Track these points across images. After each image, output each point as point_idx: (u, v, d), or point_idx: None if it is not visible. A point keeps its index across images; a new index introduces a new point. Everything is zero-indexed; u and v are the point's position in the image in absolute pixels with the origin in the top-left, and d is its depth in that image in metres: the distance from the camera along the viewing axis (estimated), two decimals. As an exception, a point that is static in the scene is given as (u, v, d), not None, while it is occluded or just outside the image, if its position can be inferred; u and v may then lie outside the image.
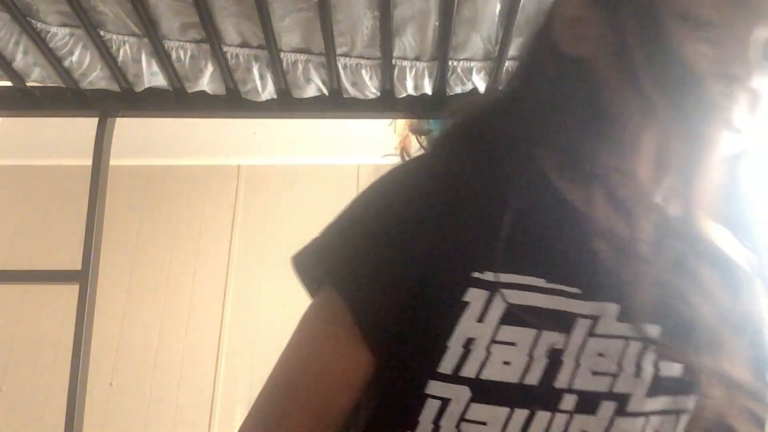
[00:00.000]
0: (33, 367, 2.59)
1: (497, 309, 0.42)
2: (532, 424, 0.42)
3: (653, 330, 0.44)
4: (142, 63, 1.11)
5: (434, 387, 0.42)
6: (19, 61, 1.12)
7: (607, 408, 0.43)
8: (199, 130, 2.43)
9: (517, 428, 0.42)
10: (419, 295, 0.44)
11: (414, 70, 1.13)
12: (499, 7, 1.02)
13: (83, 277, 1.14)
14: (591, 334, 0.43)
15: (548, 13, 0.53)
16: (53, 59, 1.10)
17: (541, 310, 0.43)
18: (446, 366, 0.42)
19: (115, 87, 1.18)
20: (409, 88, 1.15)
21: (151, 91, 1.18)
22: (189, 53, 1.11)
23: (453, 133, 0.53)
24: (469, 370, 0.42)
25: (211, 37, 1.06)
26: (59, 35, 1.07)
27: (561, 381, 0.42)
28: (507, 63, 1.12)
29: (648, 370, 0.44)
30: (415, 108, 1.23)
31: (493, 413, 0.42)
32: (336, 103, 1.17)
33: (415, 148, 1.72)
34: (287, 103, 1.19)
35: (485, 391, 0.42)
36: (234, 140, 2.55)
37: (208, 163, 2.71)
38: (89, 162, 1.24)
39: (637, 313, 0.44)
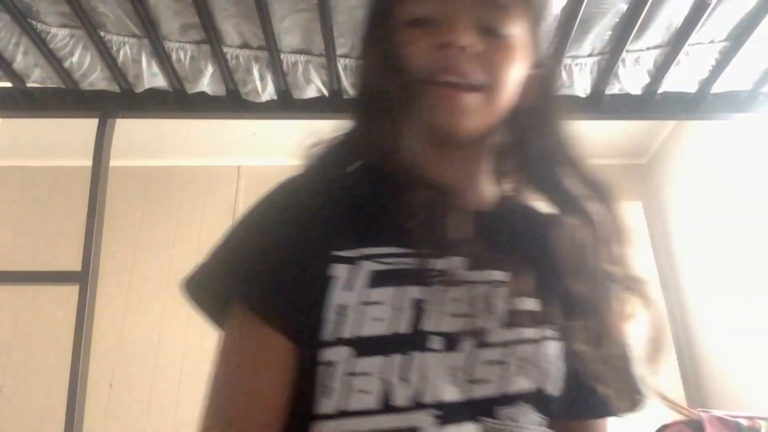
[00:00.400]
0: (33, 367, 2.59)
1: (362, 277, 0.51)
2: (410, 366, 0.49)
3: (497, 275, 0.54)
4: (143, 64, 1.11)
5: (322, 354, 0.50)
6: (20, 61, 1.12)
7: (468, 344, 0.51)
8: (199, 130, 2.43)
9: (396, 371, 0.49)
10: (300, 282, 0.52)
11: (414, 71, 1.13)
12: (498, 8, 1.02)
13: (83, 278, 1.14)
14: (445, 284, 0.52)
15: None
16: (53, 60, 1.10)
17: (400, 271, 0.52)
18: (327, 334, 0.49)
19: (115, 88, 1.18)
20: (408, 88, 1.15)
21: (152, 91, 1.18)
22: (189, 54, 1.11)
23: (315, 157, 0.63)
24: (347, 332, 0.50)
25: (211, 38, 1.06)
26: (59, 36, 1.07)
27: (427, 325, 0.50)
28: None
29: (500, 306, 0.52)
30: (415, 109, 1.23)
31: (374, 363, 0.49)
32: (336, 103, 1.17)
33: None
34: (287, 104, 1.19)
35: (364, 347, 0.49)
36: (234, 141, 2.55)
37: (208, 164, 2.71)
38: (89, 163, 1.24)
39: (476, 263, 0.54)
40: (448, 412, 0.49)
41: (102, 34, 1.07)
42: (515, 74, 0.60)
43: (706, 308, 2.74)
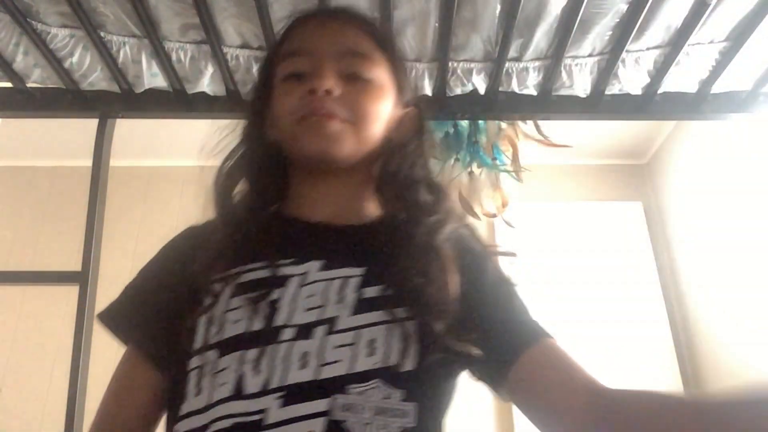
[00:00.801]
0: (33, 367, 2.59)
1: (228, 291, 0.62)
2: (262, 357, 0.57)
3: (352, 271, 0.63)
4: (143, 64, 1.11)
5: (192, 362, 0.59)
6: (20, 62, 1.12)
7: (320, 331, 0.58)
8: (199, 131, 2.43)
9: (250, 362, 0.56)
10: (173, 310, 0.63)
11: (414, 71, 1.13)
12: (499, 8, 1.02)
13: (83, 278, 1.14)
14: (302, 284, 0.62)
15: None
16: (53, 60, 1.10)
17: (262, 280, 0.62)
18: (198, 343, 0.59)
19: (115, 88, 1.18)
20: (409, 89, 1.15)
21: (152, 92, 1.18)
22: (189, 54, 1.11)
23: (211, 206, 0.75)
24: (213, 338, 0.59)
25: (211, 38, 1.06)
26: (59, 36, 1.07)
27: (279, 320, 0.59)
28: (507, 64, 1.12)
29: (350, 296, 0.61)
30: (414, 109, 1.23)
31: (232, 359, 0.57)
32: (336, 104, 1.16)
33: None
34: (287, 104, 1.19)
35: (225, 347, 0.58)
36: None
37: (207, 164, 2.71)
38: (89, 163, 1.24)
39: (333, 264, 0.63)
40: (294, 393, 0.55)
41: (102, 34, 1.07)
42: (379, 110, 0.71)
43: (706, 308, 2.74)
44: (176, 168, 2.92)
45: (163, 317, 0.64)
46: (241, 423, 0.54)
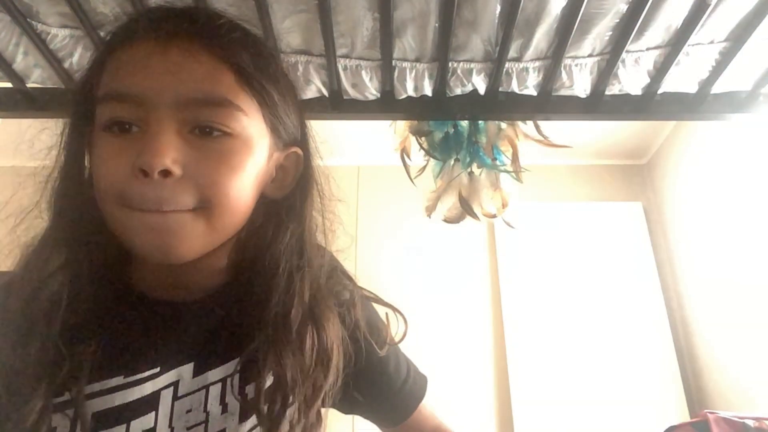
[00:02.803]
0: (33, 367, 2.59)
1: (86, 423, 0.46)
2: None
3: (228, 367, 0.53)
4: (143, 64, 1.11)
5: None
6: (20, 62, 1.12)
7: None
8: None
9: None
10: None
11: (414, 71, 1.13)
12: (499, 8, 1.02)
13: (83, 278, 1.14)
14: (175, 398, 0.50)
15: None
16: (54, 60, 1.10)
17: (126, 405, 0.49)
18: None
19: (115, 88, 1.18)
20: (409, 89, 1.15)
21: (152, 92, 1.18)
22: (189, 54, 1.11)
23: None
24: None
25: (211, 38, 1.06)
26: (59, 36, 1.07)
27: None
28: (507, 64, 1.12)
29: (233, 403, 0.51)
30: (415, 109, 1.23)
31: None
32: (335, 103, 1.17)
33: (415, 149, 1.73)
34: (287, 105, 1.18)
35: None
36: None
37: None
38: (89, 163, 1.24)
39: (205, 364, 0.52)
40: None
41: (102, 34, 1.07)
42: (242, 184, 0.52)
43: (706, 309, 2.75)
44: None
45: None
46: None
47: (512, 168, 1.59)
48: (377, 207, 3.16)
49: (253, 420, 0.52)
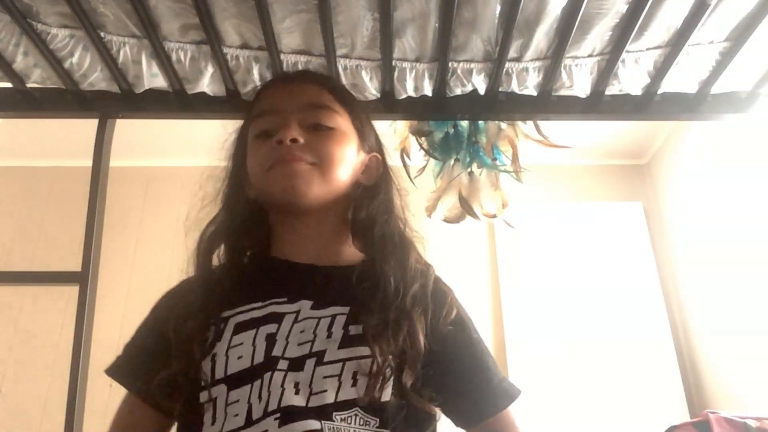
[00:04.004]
0: (33, 367, 2.59)
1: (229, 330, 0.70)
2: (263, 384, 0.64)
3: (339, 309, 0.70)
4: (143, 64, 1.11)
5: (203, 395, 0.66)
6: (20, 62, 1.12)
7: (310, 363, 0.66)
8: (199, 130, 2.43)
9: (256, 393, 0.64)
10: (182, 352, 0.69)
11: (414, 71, 1.13)
12: (498, 8, 1.02)
13: (83, 278, 1.14)
14: (295, 321, 0.70)
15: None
16: (53, 61, 1.10)
17: (258, 317, 0.70)
18: (205, 378, 0.67)
19: (115, 88, 1.18)
20: (409, 89, 1.15)
21: (152, 92, 1.18)
22: (189, 55, 1.11)
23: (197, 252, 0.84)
24: (219, 373, 0.66)
25: (211, 38, 1.06)
26: (59, 36, 1.07)
27: (276, 351, 0.67)
28: (507, 64, 1.12)
29: (338, 332, 0.68)
30: (415, 109, 1.23)
31: (241, 392, 0.65)
32: (336, 104, 1.16)
33: (415, 149, 1.73)
34: (287, 105, 1.18)
35: (233, 381, 0.65)
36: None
37: (208, 164, 2.71)
38: (89, 163, 1.24)
39: (322, 303, 0.71)
40: (289, 414, 0.62)
41: (102, 34, 1.07)
42: (341, 153, 0.79)
43: (706, 309, 2.74)
44: (176, 168, 2.92)
45: (158, 365, 0.71)
46: None
47: (512, 168, 1.59)
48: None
49: (350, 351, 0.67)
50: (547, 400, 2.72)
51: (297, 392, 0.64)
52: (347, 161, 0.80)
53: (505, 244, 3.08)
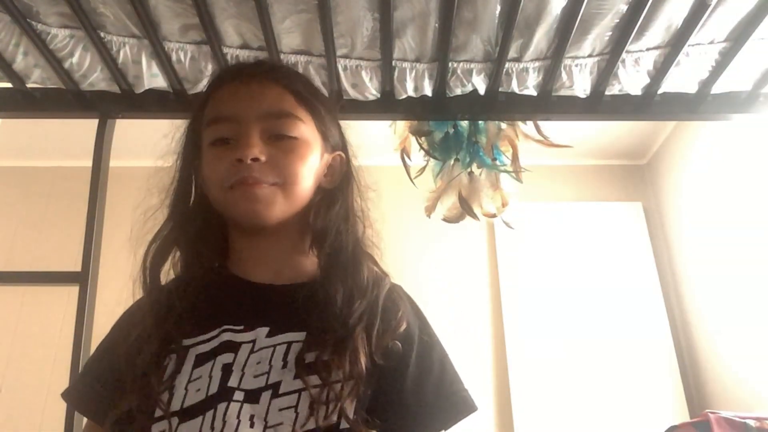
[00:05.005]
0: (33, 367, 2.59)
1: (189, 361, 0.67)
2: (216, 415, 0.62)
3: (295, 336, 0.68)
4: (143, 64, 1.11)
5: (155, 427, 0.62)
6: (20, 62, 1.12)
7: (266, 396, 0.64)
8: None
9: (208, 424, 0.61)
10: (137, 387, 0.65)
11: (414, 71, 1.13)
12: (498, 8, 1.02)
13: (83, 278, 1.14)
14: (252, 351, 0.67)
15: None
16: (53, 61, 1.10)
17: (216, 347, 0.67)
18: (159, 409, 0.63)
19: (115, 88, 1.18)
20: (409, 89, 1.15)
21: (152, 92, 1.18)
22: (189, 55, 1.11)
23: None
24: (175, 405, 0.63)
25: (211, 38, 1.06)
26: (59, 37, 1.07)
27: (232, 382, 0.64)
28: (507, 64, 1.12)
29: (293, 360, 0.66)
30: (415, 109, 1.23)
31: (193, 425, 0.62)
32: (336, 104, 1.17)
33: (415, 149, 1.73)
34: (287, 105, 1.18)
35: (187, 413, 0.63)
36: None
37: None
38: (89, 163, 1.24)
39: (277, 330, 0.68)
40: None
41: (102, 34, 1.07)
42: (305, 168, 0.75)
43: (706, 309, 2.74)
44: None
45: (113, 395, 0.68)
46: None
47: (512, 168, 1.59)
48: (377, 207, 3.15)
49: (302, 380, 0.64)
50: (547, 400, 2.72)
51: (252, 425, 0.62)
52: (310, 173, 0.76)
53: (505, 244, 3.08)
